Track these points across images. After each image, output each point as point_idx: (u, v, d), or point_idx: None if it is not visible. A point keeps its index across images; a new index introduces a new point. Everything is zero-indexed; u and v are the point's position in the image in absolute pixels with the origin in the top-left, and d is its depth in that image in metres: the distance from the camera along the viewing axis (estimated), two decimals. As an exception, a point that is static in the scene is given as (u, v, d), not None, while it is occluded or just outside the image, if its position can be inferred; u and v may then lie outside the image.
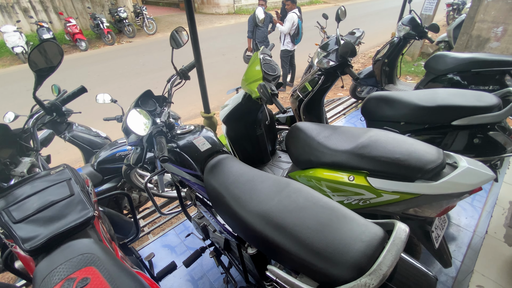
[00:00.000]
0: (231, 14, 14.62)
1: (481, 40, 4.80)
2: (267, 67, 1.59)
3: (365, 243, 0.73)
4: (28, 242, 0.84)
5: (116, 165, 2.24)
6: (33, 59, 1.03)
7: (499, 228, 1.69)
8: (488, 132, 1.61)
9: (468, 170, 1.05)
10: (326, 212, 0.85)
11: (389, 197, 1.16)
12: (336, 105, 4.15)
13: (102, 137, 2.67)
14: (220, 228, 1.23)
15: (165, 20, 13.55)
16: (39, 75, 1.06)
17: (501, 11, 4.47)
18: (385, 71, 3.51)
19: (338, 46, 2.02)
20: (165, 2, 19.04)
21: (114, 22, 10.06)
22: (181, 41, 1.52)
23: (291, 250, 0.79)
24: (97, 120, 3.44)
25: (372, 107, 1.93)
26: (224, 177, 1.12)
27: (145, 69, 6.86)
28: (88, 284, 0.73)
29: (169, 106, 1.51)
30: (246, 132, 1.93)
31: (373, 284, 0.62)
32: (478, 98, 1.63)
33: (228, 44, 8.60)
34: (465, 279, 1.50)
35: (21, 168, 1.10)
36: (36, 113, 1.22)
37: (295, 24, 4.54)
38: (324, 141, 1.41)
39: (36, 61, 1.04)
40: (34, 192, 0.98)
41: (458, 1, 8.35)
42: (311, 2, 17.35)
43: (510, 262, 1.49)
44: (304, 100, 2.19)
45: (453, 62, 2.61)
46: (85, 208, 0.96)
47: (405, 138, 1.28)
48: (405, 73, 5.59)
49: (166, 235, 2.10)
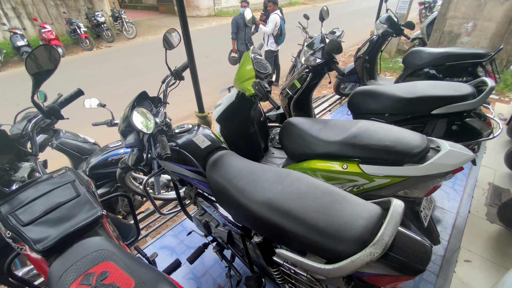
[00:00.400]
0: (211, 16, 14.61)
1: (453, 36, 5.11)
2: (258, 66, 1.64)
3: (365, 220, 0.80)
4: (40, 243, 0.84)
5: (108, 170, 2.21)
6: (30, 62, 1.03)
7: (481, 207, 1.84)
8: (465, 119, 1.74)
9: (450, 152, 1.15)
10: (327, 196, 0.92)
11: (381, 181, 1.25)
12: (322, 102, 4.27)
13: (91, 143, 2.62)
14: (223, 221, 1.27)
15: (145, 23, 13.34)
16: (37, 79, 1.06)
17: (471, 7, 4.78)
18: (366, 68, 3.67)
19: (323, 44, 2.12)
20: (143, 6, 18.73)
21: (92, 27, 9.79)
22: (174, 42, 1.55)
23: (298, 232, 0.85)
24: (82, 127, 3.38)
25: (357, 101, 2.03)
26: (227, 171, 1.17)
27: (128, 74, 6.73)
28: (108, 276, 0.75)
29: (165, 107, 1.53)
30: (240, 130, 1.98)
31: (377, 252, 0.69)
32: (454, 88, 1.76)
33: (211, 46, 8.59)
34: (453, 256, 1.62)
35: (21, 173, 1.09)
36: (35, 117, 1.21)
37: (277, 25, 4.64)
38: (317, 134, 1.48)
39: (33, 65, 1.04)
40: (39, 195, 0.98)
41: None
42: (290, 3, 17.66)
43: (493, 237, 1.63)
44: (293, 97, 2.27)
45: (428, 57, 2.79)
46: (93, 208, 0.97)
47: (392, 126, 1.38)
48: (384, 69, 5.84)
49: (164, 236, 2.11)
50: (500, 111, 3.12)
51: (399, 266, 0.73)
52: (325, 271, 0.77)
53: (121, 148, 2.31)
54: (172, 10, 15.97)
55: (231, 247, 1.46)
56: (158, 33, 11.46)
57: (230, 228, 1.28)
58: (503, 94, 4.41)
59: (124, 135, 1.52)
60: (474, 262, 1.49)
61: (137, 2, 19.47)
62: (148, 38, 10.62)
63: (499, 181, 2.05)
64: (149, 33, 11.39)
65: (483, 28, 4.80)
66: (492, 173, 2.13)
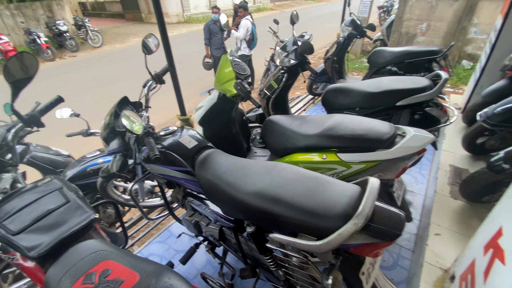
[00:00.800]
0: (181, 23, 14.50)
1: (410, 36, 5.58)
2: (237, 68, 1.72)
3: (348, 197, 0.89)
4: (33, 250, 0.83)
5: (87, 181, 2.14)
6: (8, 70, 1.02)
7: (445, 187, 2.05)
8: (425, 108, 1.95)
9: (414, 136, 1.30)
10: (312, 181, 1.01)
11: (357, 167, 1.37)
12: (297, 102, 4.45)
13: (64, 156, 2.51)
14: (215, 217, 1.31)
15: (111, 32, 12.90)
16: (15, 87, 1.05)
17: (424, 9, 5.27)
18: (335, 68, 3.89)
19: (296, 46, 2.24)
20: (108, 14, 18.11)
21: (53, 36, 9.28)
22: (152, 48, 1.57)
23: (288, 215, 0.92)
24: (50, 140, 3.21)
25: (330, 98, 2.18)
26: (216, 168, 1.21)
27: (97, 83, 6.48)
28: (111, 273, 0.76)
29: (147, 111, 1.54)
30: (222, 131, 2.03)
31: (360, 222, 0.78)
32: (414, 82, 1.96)
33: (183, 53, 8.53)
34: (424, 231, 1.79)
35: (3, 184, 1.06)
36: (14, 126, 1.17)
37: (249, 30, 4.76)
38: (297, 129, 1.58)
39: (12, 72, 1.02)
40: (26, 204, 0.96)
41: (387, 3, 9.49)
42: (258, 9, 18.04)
43: (457, 212, 1.83)
44: (271, 97, 2.36)
45: (390, 56, 3.06)
46: (85, 212, 0.98)
47: (363, 118, 1.52)
48: (352, 69, 6.19)
49: (152, 243, 2.08)
50: (455, 101, 3.47)
51: (379, 234, 0.83)
52: (316, 247, 0.85)
53: (99, 158, 2.24)
54: (139, 18, 15.61)
55: (223, 243, 1.50)
56: (126, 41, 11.15)
57: (222, 223, 1.32)
58: (457, 87, 4.89)
59: (107, 141, 1.51)
60: (443, 234, 1.66)
61: (101, 10, 18.80)
62: (116, 47, 10.28)
63: (458, 162, 2.30)
64: (116, 41, 11.04)
65: (436, 28, 5.30)
66: (452, 156, 2.37)
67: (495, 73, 2.81)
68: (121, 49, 9.92)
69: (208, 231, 1.52)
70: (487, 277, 1.00)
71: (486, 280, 1.00)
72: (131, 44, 10.60)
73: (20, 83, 1.04)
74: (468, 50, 5.23)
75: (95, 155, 2.26)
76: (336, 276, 0.88)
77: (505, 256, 0.94)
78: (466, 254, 1.27)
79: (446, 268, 1.46)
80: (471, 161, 2.31)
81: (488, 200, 1.79)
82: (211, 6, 14.41)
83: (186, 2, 14.55)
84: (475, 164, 2.27)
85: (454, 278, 1.32)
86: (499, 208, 1.11)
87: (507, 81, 2.43)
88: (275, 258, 1.16)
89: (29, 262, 0.87)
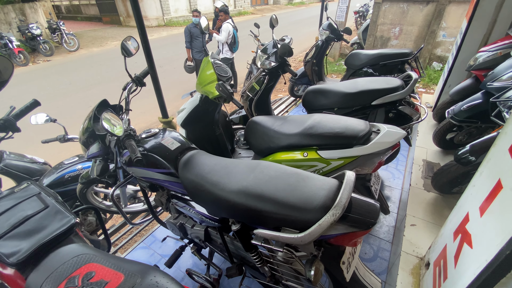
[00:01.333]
0: (161, 26, 14.31)
1: (384, 39, 5.85)
2: (219, 70, 1.74)
3: (326, 191, 0.94)
4: (13, 256, 0.81)
5: (65, 188, 2.08)
6: (-21, 74, 0.98)
7: (419, 180, 2.17)
8: (398, 107, 2.06)
9: (387, 132, 1.38)
10: (293, 177, 1.05)
11: (336, 163, 1.43)
12: (279, 104, 4.52)
13: (40, 163, 2.41)
14: (200, 217, 1.32)
15: (88, 35, 12.51)
16: (-12, 91, 1.01)
17: (396, 14, 5.55)
18: (315, 71, 4.00)
19: (276, 49, 2.30)
20: (83, 17, 17.55)
21: (26, 40, 8.87)
22: (131, 50, 1.56)
23: (272, 210, 0.95)
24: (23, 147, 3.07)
25: (310, 99, 2.25)
26: (200, 169, 1.23)
27: (73, 88, 6.25)
28: (95, 275, 0.76)
29: (128, 114, 1.53)
30: (206, 134, 2.04)
31: (338, 213, 0.82)
32: (387, 82, 2.08)
33: (163, 56, 8.43)
34: (401, 223, 1.88)
35: (-25, 192, 1.02)
36: (-14, 132, 1.12)
37: (230, 33, 4.80)
38: (279, 129, 1.63)
39: (-16, 77, 0.99)
40: (2, 211, 0.93)
41: (362, 8, 9.90)
42: (239, 13, 18.17)
43: (430, 203, 1.95)
44: (254, 99, 2.40)
45: (365, 58, 3.20)
46: (66, 217, 0.96)
47: (340, 117, 1.59)
48: (330, 71, 6.39)
49: (136, 250, 2.04)
50: (427, 100, 3.68)
51: (356, 223, 0.88)
52: (298, 239, 0.88)
53: (78, 164, 2.18)
54: (117, 21, 15.24)
55: (209, 244, 1.51)
56: (104, 44, 10.84)
57: (207, 224, 1.33)
58: (428, 87, 5.17)
59: (86, 146, 1.47)
60: (418, 225, 1.77)
61: (76, 13, 18.18)
62: (94, 50, 9.98)
63: (431, 157, 2.44)
64: (93, 45, 10.71)
65: (408, 32, 5.60)
66: (425, 152, 2.52)
67: (461, 73, 3.02)
68: (98, 53, 9.63)
69: (193, 233, 1.52)
70: (457, 260, 1.08)
71: (456, 264, 1.08)
72: (109, 47, 10.32)
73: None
74: (437, 52, 5.56)
75: (73, 161, 2.19)
76: (318, 267, 0.92)
77: (472, 240, 1.02)
78: (438, 241, 1.36)
79: (422, 256, 1.55)
80: (442, 155, 2.46)
81: (458, 191, 1.92)
82: (191, 9, 14.35)
83: (166, 5, 14.39)
84: (445, 158, 2.42)
85: (429, 265, 1.41)
86: (465, 196, 1.21)
87: (472, 80, 2.62)
88: (261, 255, 1.19)
89: (8, 269, 0.84)
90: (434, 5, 5.14)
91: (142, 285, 0.70)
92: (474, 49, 2.90)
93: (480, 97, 2.11)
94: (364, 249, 1.87)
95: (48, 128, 2.28)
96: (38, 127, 2.26)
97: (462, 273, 0.96)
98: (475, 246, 0.99)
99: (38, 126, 2.11)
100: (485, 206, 0.96)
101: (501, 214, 0.84)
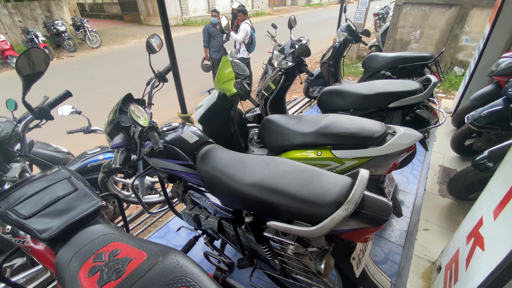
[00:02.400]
0: (179, 25, 14.60)
1: (404, 43, 5.73)
2: (237, 68, 1.79)
3: (340, 187, 0.96)
4: (45, 232, 0.88)
5: (87, 177, 2.19)
6: (20, 65, 1.07)
7: (434, 186, 2.14)
8: (416, 110, 2.04)
9: (403, 134, 1.38)
10: (307, 173, 1.08)
11: (350, 163, 1.45)
12: (294, 105, 4.54)
13: (64, 153, 2.55)
14: (215, 208, 1.37)
15: (109, 33, 12.94)
16: (27, 80, 1.10)
17: (417, 17, 5.43)
18: (331, 72, 4.00)
19: (293, 49, 2.33)
20: (106, 15, 18.16)
21: (51, 36, 9.30)
22: (156, 47, 1.64)
23: (285, 204, 0.99)
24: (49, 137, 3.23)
25: (326, 100, 2.26)
26: (216, 162, 1.28)
27: (95, 84, 6.51)
28: (120, 253, 0.82)
29: (150, 107, 1.60)
30: (221, 130, 2.10)
31: (351, 208, 0.85)
32: (405, 85, 2.06)
33: (181, 55, 8.57)
34: (414, 227, 1.87)
35: (12, 173, 1.11)
36: (24, 118, 1.22)
37: (248, 33, 4.85)
38: (294, 128, 1.66)
39: (24, 67, 1.08)
40: (36, 192, 1.02)
41: (382, 11, 9.72)
42: (257, 13, 18.26)
43: (445, 208, 1.92)
44: (269, 98, 2.44)
45: (384, 61, 3.17)
46: (93, 199, 1.03)
47: (356, 117, 1.60)
48: (347, 74, 6.33)
49: (151, 239, 2.12)
50: (446, 105, 3.59)
51: (367, 219, 0.90)
52: (310, 232, 0.91)
53: (100, 154, 2.29)
54: (138, 19, 15.68)
55: (222, 236, 1.56)
56: (124, 42, 11.19)
57: (221, 215, 1.38)
58: (449, 92, 5.03)
59: (111, 136, 1.56)
60: (431, 229, 1.75)
61: (99, 11, 18.85)
62: (114, 48, 10.32)
63: (447, 163, 2.40)
64: (114, 42, 11.08)
65: (429, 35, 5.47)
66: (441, 157, 2.47)
67: (483, 79, 2.94)
68: (119, 50, 9.96)
69: (207, 224, 1.57)
70: (469, 263, 1.08)
71: (468, 266, 1.08)
72: (129, 45, 10.65)
73: (32, 77, 1.09)
74: (459, 57, 5.40)
75: (96, 151, 2.31)
76: (328, 261, 0.95)
77: (484, 243, 1.01)
78: (451, 245, 1.35)
79: (434, 260, 1.53)
80: (459, 161, 2.41)
81: (474, 197, 1.88)
82: (210, 9, 14.57)
83: (185, 5, 14.67)
84: (463, 164, 2.37)
85: (440, 269, 1.40)
86: (480, 200, 1.20)
87: (493, 86, 2.55)
88: (272, 248, 1.22)
89: (40, 244, 0.92)
90: (457, 9, 5.00)
91: (163, 262, 0.75)
92: (497, 54, 2.82)
93: (501, 103, 2.06)
94: (375, 251, 1.87)
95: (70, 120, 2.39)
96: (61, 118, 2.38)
97: (473, 275, 0.96)
98: (487, 249, 0.98)
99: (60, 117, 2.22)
100: (499, 209, 0.95)
101: (515, 217, 0.84)
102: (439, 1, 5.33)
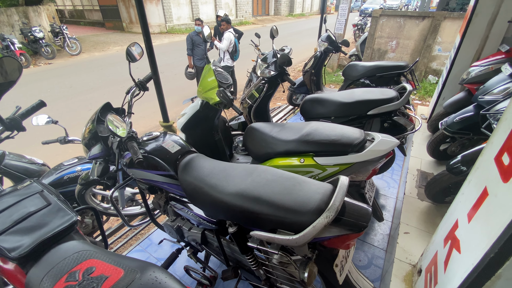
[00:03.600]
0: (163, 33, 14.51)
1: (381, 52, 5.99)
2: (220, 77, 1.80)
3: (321, 194, 0.97)
4: (15, 251, 0.83)
5: (64, 189, 2.09)
6: (-10, 74, 1.02)
7: (413, 189, 2.21)
8: (393, 117, 2.12)
9: (381, 141, 1.43)
10: (289, 181, 1.08)
11: (332, 170, 1.47)
12: (278, 112, 4.59)
13: (39, 164, 2.42)
14: (198, 219, 1.35)
15: (90, 40, 12.64)
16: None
17: (393, 28, 5.71)
18: (313, 80, 4.09)
19: (276, 58, 2.37)
20: (87, 22, 17.76)
21: (28, 43, 8.96)
22: (136, 56, 1.62)
23: (268, 212, 0.99)
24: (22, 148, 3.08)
25: (308, 108, 2.31)
26: (199, 171, 1.26)
27: (73, 92, 6.29)
28: (95, 271, 0.78)
29: (130, 117, 1.57)
30: (205, 138, 2.08)
31: (332, 215, 0.86)
32: (382, 93, 2.14)
33: (164, 63, 8.53)
34: (395, 231, 1.91)
35: (-21, 189, 1.04)
36: (-7, 130, 1.15)
37: (232, 42, 4.90)
38: (277, 135, 1.67)
39: (-6, 77, 1.03)
40: (4, 208, 0.96)
41: (361, 22, 10.13)
42: (241, 22, 18.50)
43: (424, 212, 1.99)
44: (253, 106, 2.46)
45: (363, 70, 3.29)
46: (67, 214, 0.98)
47: (336, 125, 1.64)
48: (329, 82, 6.50)
49: (131, 252, 2.04)
50: (422, 112, 3.76)
51: (349, 226, 0.91)
52: (294, 241, 0.91)
53: (77, 165, 2.20)
54: (120, 27, 15.44)
55: (205, 247, 1.53)
56: (105, 49, 10.96)
57: (204, 226, 1.35)
58: (424, 99, 5.28)
59: (88, 147, 1.51)
60: (412, 233, 1.80)
61: (80, 18, 18.41)
62: (95, 55, 10.08)
63: (425, 167, 2.49)
64: (95, 50, 10.82)
65: (404, 45, 5.75)
66: (419, 162, 2.57)
67: (455, 86, 3.11)
68: (100, 57, 9.73)
69: (190, 236, 1.54)
70: (447, 266, 1.11)
71: (446, 269, 1.11)
72: (111, 52, 10.44)
73: (3, 86, 1.05)
74: (433, 66, 5.70)
75: (73, 162, 2.22)
76: (311, 269, 0.95)
77: (460, 246, 1.05)
78: (430, 248, 1.39)
79: (414, 263, 1.57)
80: (435, 165, 2.52)
81: (450, 200, 1.95)
82: (194, 18, 14.62)
83: (169, 13, 14.64)
84: (439, 168, 2.47)
85: (421, 272, 1.43)
86: (455, 203, 1.25)
87: (465, 93, 2.71)
88: (256, 258, 1.21)
89: (9, 264, 0.86)
90: (430, 21, 5.30)
91: (141, 279, 0.72)
92: (467, 63, 3.00)
93: (472, 110, 2.18)
94: (358, 256, 1.89)
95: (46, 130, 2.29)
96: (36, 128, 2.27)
97: (451, 277, 0.99)
98: (463, 251, 1.02)
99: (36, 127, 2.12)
100: (472, 212, 1.00)
101: (486, 219, 0.88)
102: (413, 14, 5.64)
